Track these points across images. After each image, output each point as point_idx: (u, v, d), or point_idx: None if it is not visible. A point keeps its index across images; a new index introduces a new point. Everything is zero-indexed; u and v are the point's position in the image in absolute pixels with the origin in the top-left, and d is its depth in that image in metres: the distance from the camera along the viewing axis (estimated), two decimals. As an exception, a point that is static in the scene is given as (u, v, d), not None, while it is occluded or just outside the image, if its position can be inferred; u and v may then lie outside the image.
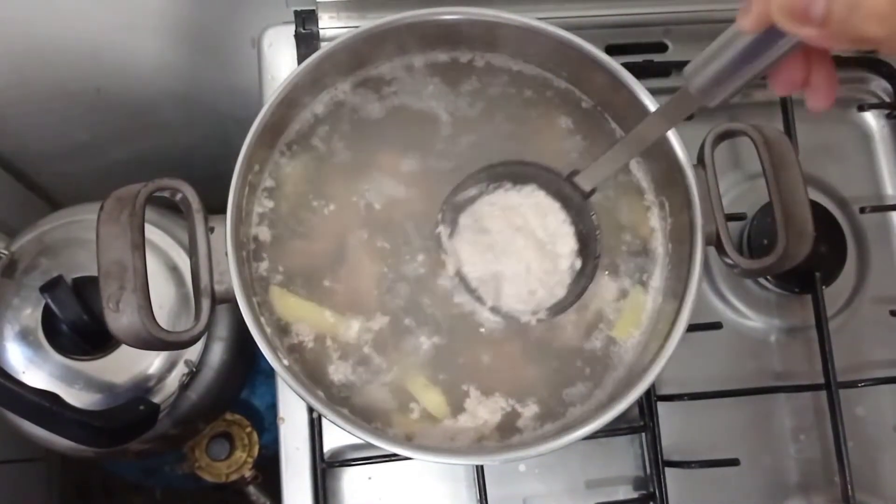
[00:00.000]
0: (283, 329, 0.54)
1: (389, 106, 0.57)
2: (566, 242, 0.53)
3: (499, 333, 0.55)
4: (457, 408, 0.53)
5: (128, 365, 0.70)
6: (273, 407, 0.65)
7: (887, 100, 0.74)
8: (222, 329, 0.77)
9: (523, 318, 0.53)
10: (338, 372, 0.53)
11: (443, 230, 0.53)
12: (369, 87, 0.57)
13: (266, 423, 0.91)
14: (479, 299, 0.53)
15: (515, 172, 0.54)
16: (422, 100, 0.58)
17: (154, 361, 0.71)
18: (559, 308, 0.53)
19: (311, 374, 0.53)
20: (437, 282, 0.54)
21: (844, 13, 0.29)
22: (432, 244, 0.54)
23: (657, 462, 0.63)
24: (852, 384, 0.66)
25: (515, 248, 0.52)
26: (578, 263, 0.53)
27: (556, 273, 0.53)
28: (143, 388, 0.70)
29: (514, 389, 0.54)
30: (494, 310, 0.53)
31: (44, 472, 1.05)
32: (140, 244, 0.47)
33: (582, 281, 0.53)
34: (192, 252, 0.50)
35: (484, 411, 0.53)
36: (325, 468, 0.63)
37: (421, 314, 0.54)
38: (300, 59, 0.67)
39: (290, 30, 0.67)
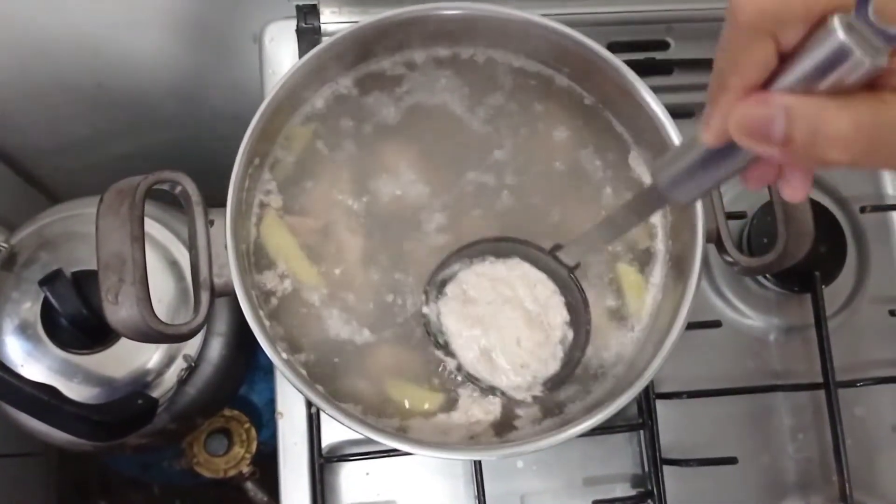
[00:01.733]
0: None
1: (393, 101, 0.57)
2: (558, 313, 0.51)
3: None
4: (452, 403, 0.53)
5: (126, 359, 0.70)
6: (271, 403, 0.65)
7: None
8: (221, 324, 0.77)
9: (518, 395, 0.51)
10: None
11: (430, 311, 0.52)
12: (371, 81, 0.57)
13: (264, 419, 0.91)
14: (476, 381, 0.51)
15: (496, 248, 0.52)
16: (433, 94, 0.58)
17: (153, 356, 0.71)
18: (555, 382, 0.51)
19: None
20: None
21: (807, 138, 0.28)
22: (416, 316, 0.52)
23: (655, 460, 0.63)
24: (851, 384, 0.66)
25: (505, 320, 0.51)
26: (571, 335, 0.52)
27: (547, 345, 0.51)
28: (141, 383, 0.70)
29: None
30: (492, 390, 0.51)
31: (42, 466, 1.05)
32: (140, 236, 0.47)
33: (576, 353, 0.51)
34: (191, 245, 0.50)
35: (478, 409, 0.53)
36: (323, 463, 0.63)
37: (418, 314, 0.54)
38: (301, 54, 0.67)
39: (292, 25, 0.67)
